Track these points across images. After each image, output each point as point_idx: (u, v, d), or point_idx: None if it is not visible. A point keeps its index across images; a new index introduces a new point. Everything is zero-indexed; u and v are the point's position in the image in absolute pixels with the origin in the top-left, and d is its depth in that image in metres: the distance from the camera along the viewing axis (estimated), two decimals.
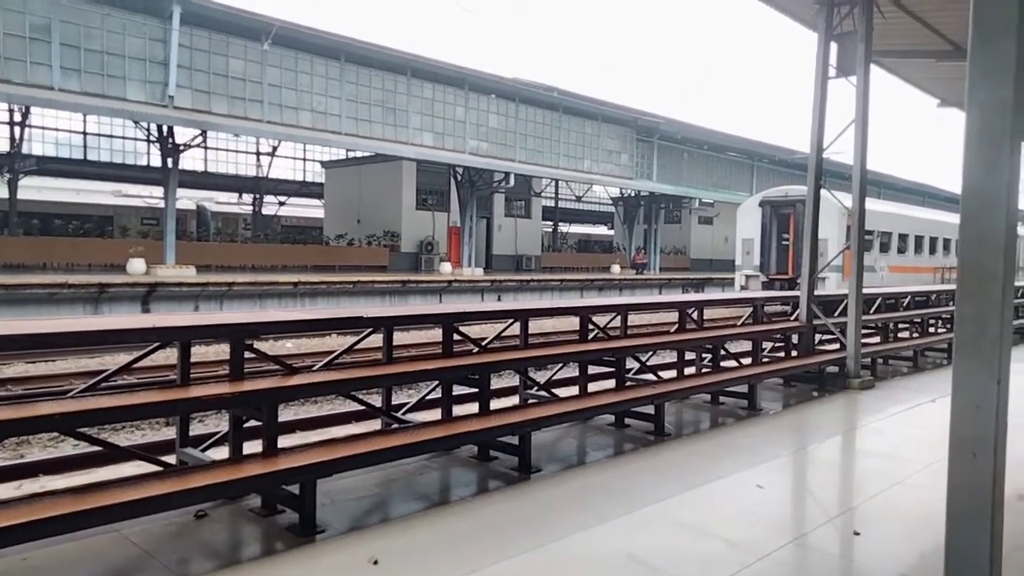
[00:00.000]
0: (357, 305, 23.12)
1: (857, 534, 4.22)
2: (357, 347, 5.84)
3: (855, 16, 9.18)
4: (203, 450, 5.10)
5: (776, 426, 7.12)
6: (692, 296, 9.80)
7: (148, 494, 3.58)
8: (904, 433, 6.75)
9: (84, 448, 7.17)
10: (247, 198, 41.53)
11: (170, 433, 7.78)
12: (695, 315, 8.48)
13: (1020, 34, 2.45)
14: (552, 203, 44.66)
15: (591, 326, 6.94)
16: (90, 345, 9.41)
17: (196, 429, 6.20)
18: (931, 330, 13.00)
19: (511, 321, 6.83)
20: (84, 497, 3.50)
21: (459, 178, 29.46)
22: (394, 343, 5.81)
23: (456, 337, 5.78)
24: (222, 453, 4.79)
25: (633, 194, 38.16)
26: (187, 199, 36.27)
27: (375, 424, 6.52)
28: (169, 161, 22.18)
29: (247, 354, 4.56)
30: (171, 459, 5.21)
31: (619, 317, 7.49)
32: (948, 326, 13.83)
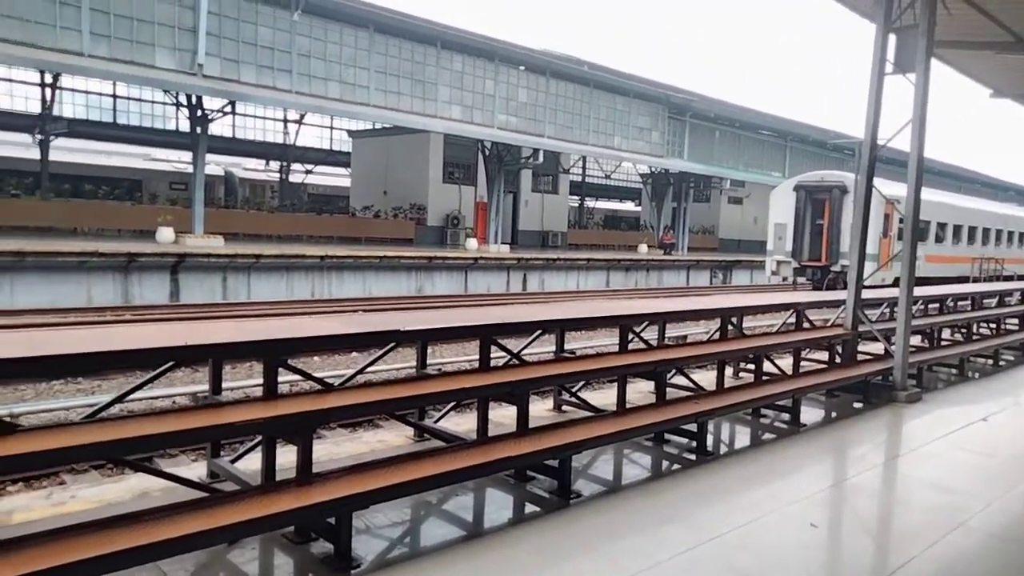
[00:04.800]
0: (383, 281, 23.02)
1: None
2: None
3: (916, 9, 8.69)
4: (232, 461, 4.98)
5: (823, 447, 6.85)
6: (732, 300, 9.50)
7: (181, 532, 3.41)
8: (960, 459, 6.45)
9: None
10: (274, 165, 41.49)
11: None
12: (735, 321, 8.20)
13: None
14: (579, 178, 44.04)
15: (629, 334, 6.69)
16: (121, 365, 9.13)
17: None
18: (975, 333, 12.51)
19: (539, 332, 6.61)
20: (115, 535, 3.35)
21: (487, 152, 29.05)
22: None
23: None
24: (253, 463, 4.63)
25: (662, 171, 37.48)
26: (214, 164, 36.27)
27: (405, 429, 6.35)
28: (198, 129, 22.05)
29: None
30: (202, 466, 5.13)
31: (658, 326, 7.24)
32: (992, 327, 13.35)
